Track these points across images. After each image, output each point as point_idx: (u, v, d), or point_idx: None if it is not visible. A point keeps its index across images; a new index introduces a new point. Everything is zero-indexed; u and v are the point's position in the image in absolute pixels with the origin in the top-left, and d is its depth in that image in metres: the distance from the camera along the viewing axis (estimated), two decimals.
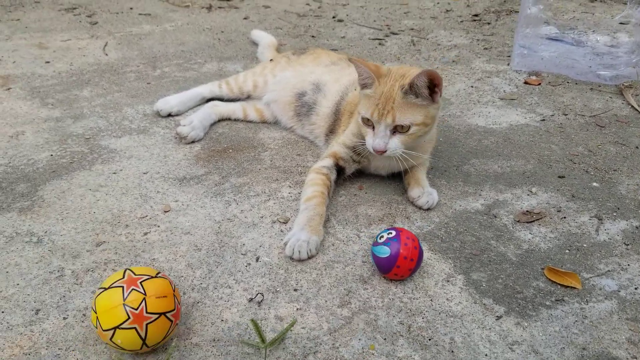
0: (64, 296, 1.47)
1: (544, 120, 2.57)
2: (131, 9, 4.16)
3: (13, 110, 2.49)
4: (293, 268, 1.60)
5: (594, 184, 2.08)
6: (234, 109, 2.46)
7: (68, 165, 2.07)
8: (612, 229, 1.82)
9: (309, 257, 1.64)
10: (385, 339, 1.38)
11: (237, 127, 2.43)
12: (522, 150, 2.30)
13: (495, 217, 1.87)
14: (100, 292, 1.27)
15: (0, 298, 1.46)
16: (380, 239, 1.55)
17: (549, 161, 2.23)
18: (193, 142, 2.27)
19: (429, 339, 1.38)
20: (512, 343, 1.37)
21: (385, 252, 1.52)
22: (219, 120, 2.46)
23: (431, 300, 1.50)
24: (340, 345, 1.35)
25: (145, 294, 1.25)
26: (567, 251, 1.72)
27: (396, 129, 1.77)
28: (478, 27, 3.98)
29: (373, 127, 1.79)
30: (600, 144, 2.37)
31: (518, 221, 1.86)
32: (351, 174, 2.04)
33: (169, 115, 2.47)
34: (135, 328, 1.23)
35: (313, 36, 3.61)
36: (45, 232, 1.71)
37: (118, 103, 2.59)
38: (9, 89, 2.71)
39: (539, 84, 2.98)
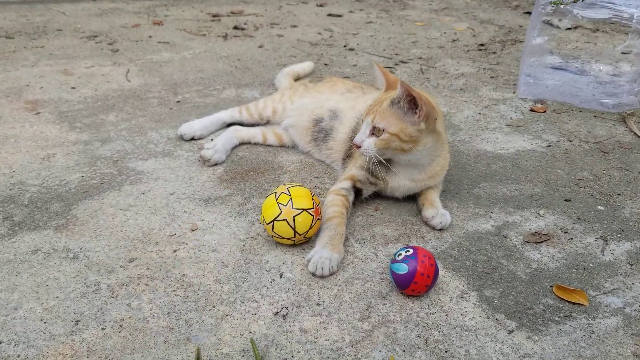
0: (101, 308, 1.57)
1: (549, 146, 2.68)
2: (150, 37, 4.33)
3: (43, 133, 2.62)
4: (315, 284, 1.70)
5: (599, 207, 2.17)
6: (254, 134, 2.58)
7: (98, 186, 2.19)
8: (616, 250, 1.91)
9: (331, 274, 1.73)
10: (404, 350, 1.46)
11: (257, 150, 2.55)
12: (529, 175, 2.41)
13: (505, 237, 1.97)
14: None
15: (42, 310, 1.56)
16: (398, 256, 1.65)
17: (556, 185, 2.33)
18: (216, 164, 2.38)
19: (445, 351, 1.47)
20: (523, 355, 1.46)
21: (403, 269, 1.61)
22: (240, 144, 2.58)
23: (446, 315, 1.59)
24: (362, 356, 1.44)
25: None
26: (574, 270, 1.81)
27: (374, 131, 1.90)
28: (484, 56, 4.12)
29: None
30: (604, 169, 2.47)
31: (527, 242, 1.95)
32: (367, 196, 2.14)
33: (192, 139, 2.59)
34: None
35: (326, 64, 3.75)
36: (81, 249, 1.82)
37: (143, 127, 2.72)
38: (38, 113, 2.84)
39: (545, 111, 3.10)
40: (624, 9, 3.05)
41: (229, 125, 2.68)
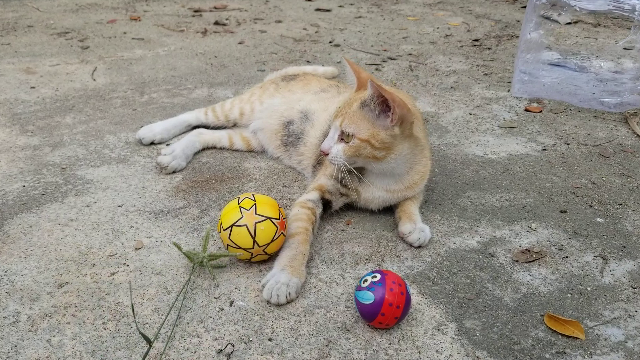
0: (16, 345, 1.35)
1: (545, 149, 2.45)
2: (125, 33, 4.10)
3: None
4: (270, 314, 1.47)
5: (598, 219, 1.94)
6: (220, 137, 2.35)
7: (39, 198, 1.96)
8: (617, 270, 1.68)
9: (288, 302, 1.51)
10: None
11: (222, 156, 2.32)
12: (521, 182, 2.17)
13: (491, 256, 1.74)
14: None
15: None
16: (363, 282, 1.42)
17: (550, 194, 2.10)
18: (174, 172, 2.16)
19: None
20: None
21: (368, 298, 1.39)
22: (204, 149, 2.35)
23: (419, 352, 1.36)
24: None
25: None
26: (569, 295, 1.58)
27: (343, 136, 1.68)
28: (478, 52, 3.89)
29: None
30: (604, 175, 2.24)
31: (516, 261, 1.72)
32: (339, 208, 1.92)
33: (152, 143, 2.37)
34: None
35: (308, 61, 3.52)
36: (5, 272, 1.59)
37: (100, 130, 2.49)
38: None
39: (540, 111, 2.87)
40: (625, 0, 2.82)
41: (195, 127, 2.45)
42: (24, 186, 2.03)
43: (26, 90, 2.93)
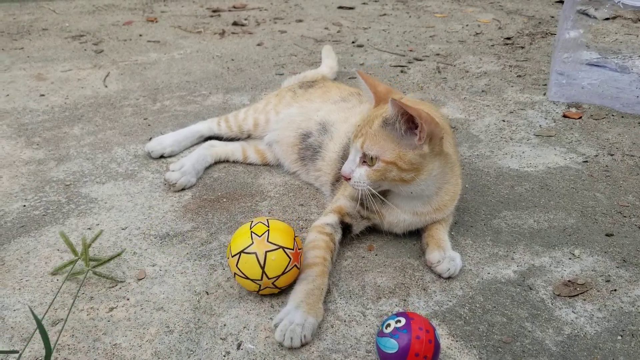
0: None
1: (586, 161, 2.24)
2: (140, 35, 3.98)
3: None
4: (281, 359, 1.31)
5: None
6: (233, 151, 2.20)
7: (40, 219, 1.84)
8: None
9: (303, 345, 1.35)
10: None
11: (235, 170, 2.17)
12: (561, 200, 1.97)
13: (530, 289, 1.55)
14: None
15: None
16: (386, 327, 1.26)
17: (594, 214, 1.89)
18: (183, 189, 2.01)
19: None
20: None
21: (392, 346, 1.22)
22: (216, 163, 2.20)
23: None
24: None
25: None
26: (620, 337, 1.39)
27: (365, 159, 1.52)
28: (510, 51, 3.66)
29: None
30: None
31: (558, 295, 1.53)
32: (360, 232, 1.75)
33: (161, 157, 2.22)
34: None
35: None
36: None
37: (109, 142, 2.36)
38: None
39: (580, 117, 2.64)
40: None
41: (207, 139, 2.30)
42: (24, 206, 1.91)
43: (35, 98, 2.82)
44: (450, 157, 1.62)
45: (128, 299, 1.50)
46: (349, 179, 1.53)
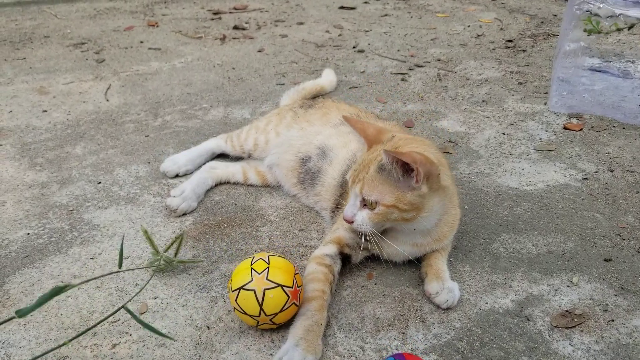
0: None
1: (586, 178, 2.24)
2: (141, 42, 3.98)
3: None
4: None
5: None
6: (234, 172, 2.21)
7: (44, 248, 1.86)
8: None
9: None
10: None
11: (236, 192, 2.18)
12: (560, 222, 1.98)
13: (528, 319, 1.57)
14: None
15: None
16: None
17: (593, 237, 1.90)
18: (184, 214, 2.03)
19: None
20: None
21: None
22: (217, 185, 2.21)
23: None
24: None
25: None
26: None
27: (366, 203, 1.53)
28: (512, 55, 3.64)
29: None
30: None
31: (556, 326, 1.55)
32: (359, 261, 1.77)
33: (177, 176, 2.25)
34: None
35: None
36: (3, 343, 1.50)
37: (110, 162, 2.38)
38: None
39: (581, 129, 2.64)
40: None
41: (219, 156, 2.33)
42: (28, 234, 1.94)
43: (38, 114, 2.84)
44: (448, 189, 1.63)
45: (130, 335, 1.52)
46: (352, 222, 1.55)
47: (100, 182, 2.23)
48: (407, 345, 1.48)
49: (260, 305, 1.42)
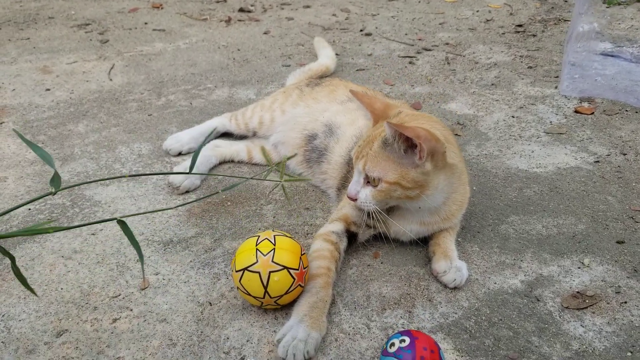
0: None
1: (598, 161, 2.19)
2: (146, 23, 3.93)
3: (0, 150, 2.28)
4: None
5: None
6: (238, 151, 2.18)
7: (45, 224, 1.83)
8: None
9: None
10: None
11: (240, 171, 2.15)
12: (571, 204, 1.94)
13: (538, 300, 1.53)
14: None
15: None
16: (390, 347, 1.24)
17: (605, 219, 1.86)
18: (187, 191, 2.00)
19: None
20: None
21: None
22: (221, 163, 2.18)
23: None
24: None
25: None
26: (630, 354, 1.37)
27: (369, 180, 1.49)
28: (522, 39, 3.58)
29: None
30: None
31: (567, 307, 1.51)
32: (365, 240, 1.73)
33: (180, 154, 2.21)
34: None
35: (337, 54, 3.28)
36: (3, 316, 1.47)
37: (113, 140, 2.34)
38: (1, 123, 2.50)
39: (592, 113, 2.59)
40: None
41: (223, 134, 2.29)
42: (29, 209, 1.91)
43: (41, 93, 2.80)
44: (455, 167, 1.58)
45: (131, 310, 1.49)
46: (355, 199, 1.51)
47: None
48: (413, 324, 1.45)
49: (265, 287, 1.38)
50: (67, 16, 4.11)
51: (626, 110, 2.60)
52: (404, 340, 1.24)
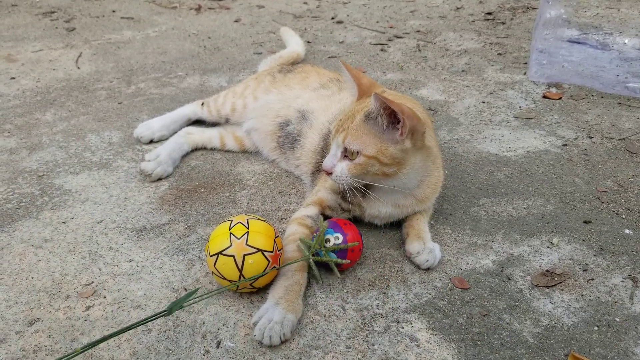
0: None
1: (565, 145, 2.24)
2: (114, 11, 3.86)
3: None
4: (261, 356, 1.31)
5: (626, 230, 1.76)
6: (210, 138, 2.16)
7: (13, 213, 1.80)
8: None
9: (282, 342, 1.34)
10: None
11: (213, 158, 2.13)
12: (540, 186, 1.98)
13: (508, 279, 1.56)
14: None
15: None
16: (327, 242, 1.47)
17: (573, 200, 1.91)
18: (160, 179, 1.98)
19: None
20: None
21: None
22: (194, 150, 2.16)
23: None
24: None
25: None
26: (596, 328, 1.41)
27: (347, 153, 1.50)
28: (491, 27, 3.63)
29: None
30: (632, 175, 2.04)
31: (536, 285, 1.55)
32: None
33: (151, 142, 2.19)
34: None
35: (309, 41, 3.28)
36: None
37: (82, 129, 2.30)
38: None
39: (560, 98, 2.64)
40: None
41: (195, 122, 2.27)
42: None
43: (6, 81, 2.73)
44: (432, 150, 1.60)
45: (105, 297, 1.48)
46: (330, 173, 1.51)
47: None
48: (388, 305, 1.47)
49: (240, 270, 1.38)
50: (31, 3, 4.01)
51: (592, 95, 2.67)
52: (338, 238, 1.45)
